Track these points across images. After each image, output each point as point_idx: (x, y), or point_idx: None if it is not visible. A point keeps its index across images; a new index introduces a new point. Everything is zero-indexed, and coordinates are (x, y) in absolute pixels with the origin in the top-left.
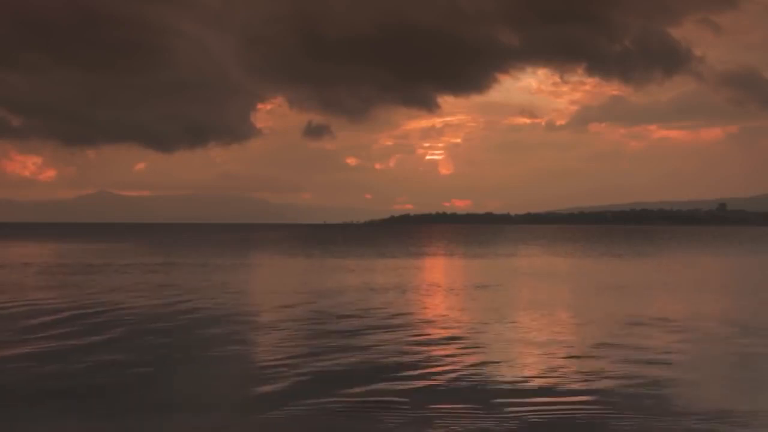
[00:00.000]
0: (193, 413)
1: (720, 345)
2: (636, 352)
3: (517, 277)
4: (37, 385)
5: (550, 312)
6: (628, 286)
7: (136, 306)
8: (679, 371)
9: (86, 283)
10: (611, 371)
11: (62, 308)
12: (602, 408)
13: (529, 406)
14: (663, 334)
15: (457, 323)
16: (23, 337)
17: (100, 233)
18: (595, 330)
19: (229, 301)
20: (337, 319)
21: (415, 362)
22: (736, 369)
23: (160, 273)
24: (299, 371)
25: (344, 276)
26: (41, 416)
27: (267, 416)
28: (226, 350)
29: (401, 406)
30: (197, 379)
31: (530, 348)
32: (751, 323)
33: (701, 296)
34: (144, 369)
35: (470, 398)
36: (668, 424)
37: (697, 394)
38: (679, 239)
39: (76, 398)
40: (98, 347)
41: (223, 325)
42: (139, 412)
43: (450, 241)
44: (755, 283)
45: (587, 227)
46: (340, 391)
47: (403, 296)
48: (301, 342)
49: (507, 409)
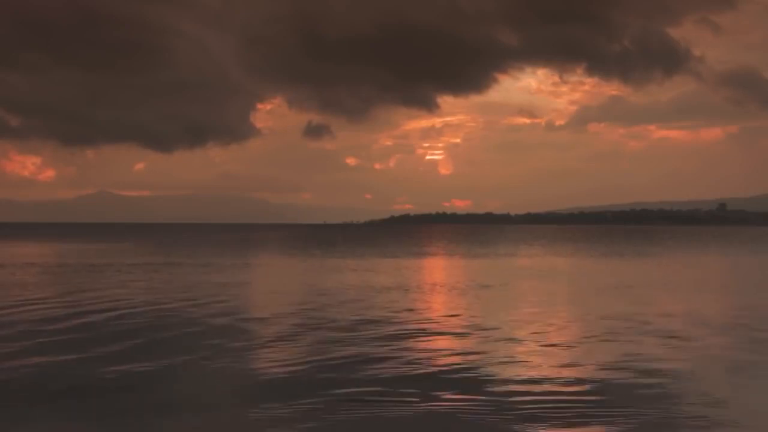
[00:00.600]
0: (193, 414)
1: (720, 344)
2: (635, 351)
3: (519, 276)
4: (36, 386)
5: (551, 311)
6: (628, 285)
7: (137, 306)
8: (678, 370)
9: (86, 282)
10: (611, 369)
11: (62, 308)
12: (602, 406)
13: (528, 403)
14: (662, 333)
15: (459, 322)
16: (22, 337)
17: (100, 233)
18: (595, 329)
19: (230, 302)
20: (338, 319)
21: (416, 360)
22: (734, 368)
23: (160, 273)
24: (299, 372)
25: (345, 276)
26: (41, 416)
27: (267, 416)
28: (226, 351)
29: (406, 401)
30: (197, 379)
31: (531, 345)
32: (751, 323)
33: (701, 296)
34: (144, 369)
35: (472, 391)
36: (663, 419)
37: (694, 391)
38: (679, 239)
39: (76, 399)
40: (98, 347)
41: (223, 326)
42: (139, 412)
43: (450, 241)
44: (755, 283)
45: (587, 227)
46: (341, 391)
47: (404, 296)
48: (302, 342)
49: (507, 402)
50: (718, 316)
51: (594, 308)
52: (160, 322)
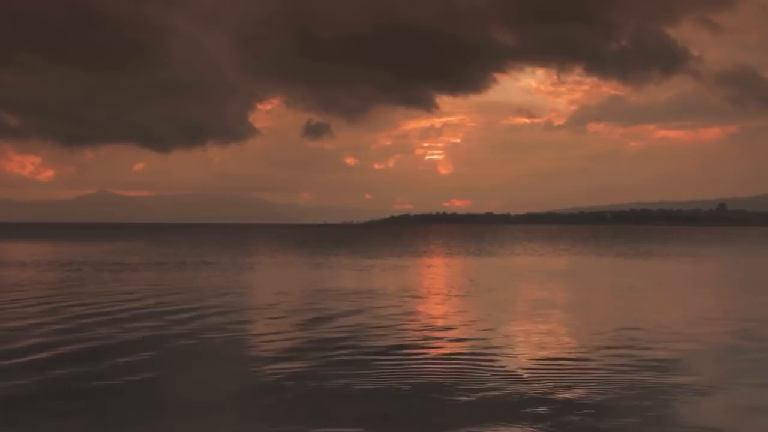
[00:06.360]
0: (193, 413)
1: (719, 344)
2: (635, 350)
3: (519, 276)
4: (37, 386)
5: (552, 310)
6: (628, 285)
7: (136, 306)
8: (678, 369)
9: (88, 283)
10: (611, 367)
11: (62, 308)
12: (601, 405)
13: (528, 402)
14: (663, 332)
15: (460, 322)
16: (22, 337)
17: (100, 233)
18: (595, 328)
19: (231, 301)
20: (339, 318)
21: (418, 364)
22: (733, 367)
23: (161, 273)
24: (301, 370)
25: (346, 276)
26: (42, 416)
27: (266, 420)
28: (226, 350)
29: (407, 410)
30: (197, 379)
31: (531, 343)
32: (750, 324)
33: (701, 296)
34: (144, 369)
35: (473, 385)
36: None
37: (691, 391)
38: (679, 239)
39: (76, 399)
40: (98, 347)
41: (224, 326)
42: (138, 412)
43: (451, 240)
44: (756, 283)
45: (587, 227)
46: (342, 391)
47: (405, 296)
48: (303, 341)
49: (507, 396)
50: (717, 316)
51: (594, 308)
52: (160, 323)
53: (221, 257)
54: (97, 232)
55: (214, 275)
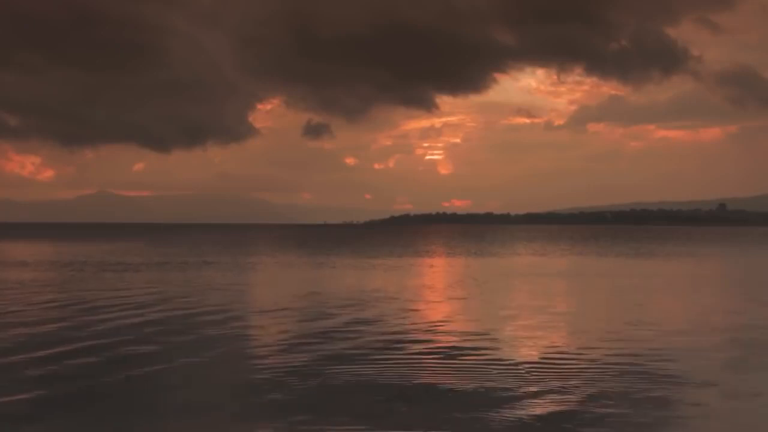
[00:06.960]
0: (193, 413)
1: (719, 343)
2: (636, 349)
3: (521, 276)
4: (36, 386)
5: (554, 309)
6: (629, 284)
7: (138, 305)
8: (678, 369)
9: (91, 282)
10: (612, 366)
11: (62, 308)
12: (603, 403)
13: (530, 399)
14: (662, 331)
15: (462, 320)
16: (22, 337)
17: (101, 233)
18: (596, 327)
19: (232, 302)
20: (340, 317)
21: (420, 361)
22: (731, 366)
23: (162, 273)
24: (302, 368)
25: (346, 275)
26: (43, 416)
27: (266, 419)
28: (226, 351)
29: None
30: (197, 379)
31: (533, 341)
32: (750, 324)
33: (701, 296)
34: (144, 369)
35: (474, 382)
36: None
37: (689, 389)
38: (679, 239)
39: (75, 399)
40: (98, 346)
41: (224, 326)
42: (139, 413)
43: (451, 241)
44: (756, 283)
45: (587, 227)
46: (343, 388)
47: (407, 295)
48: (303, 342)
49: (509, 393)
50: (717, 316)
51: (595, 307)
52: (160, 322)
53: (222, 257)
54: (97, 232)
55: (216, 275)
